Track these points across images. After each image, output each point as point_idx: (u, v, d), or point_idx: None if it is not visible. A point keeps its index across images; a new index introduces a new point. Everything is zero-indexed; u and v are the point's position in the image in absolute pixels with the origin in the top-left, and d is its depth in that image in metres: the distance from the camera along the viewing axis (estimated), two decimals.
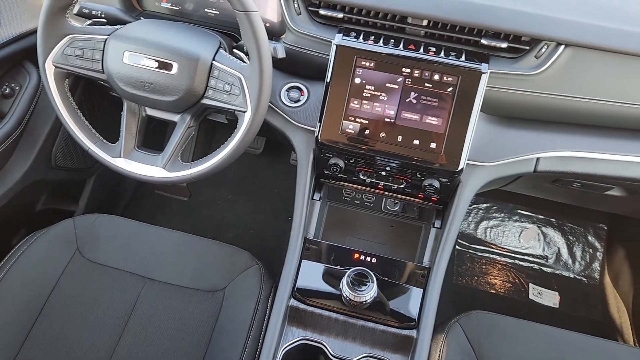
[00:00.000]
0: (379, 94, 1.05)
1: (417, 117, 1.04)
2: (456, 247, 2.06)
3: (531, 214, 2.13)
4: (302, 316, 1.12)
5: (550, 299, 1.94)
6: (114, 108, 1.30)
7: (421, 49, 1.03)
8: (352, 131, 1.07)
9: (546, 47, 1.03)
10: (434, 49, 1.04)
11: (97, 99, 1.60)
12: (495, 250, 2.06)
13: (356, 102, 1.06)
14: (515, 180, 1.27)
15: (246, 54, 1.03)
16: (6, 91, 1.34)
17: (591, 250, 2.05)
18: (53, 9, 1.00)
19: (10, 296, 1.14)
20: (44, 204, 1.59)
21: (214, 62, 1.01)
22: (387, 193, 1.25)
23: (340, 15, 1.08)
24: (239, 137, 1.03)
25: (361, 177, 1.20)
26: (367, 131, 1.07)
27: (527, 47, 1.04)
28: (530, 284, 1.97)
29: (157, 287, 1.19)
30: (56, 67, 1.06)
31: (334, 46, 1.05)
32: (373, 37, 1.05)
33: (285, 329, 1.11)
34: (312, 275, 1.15)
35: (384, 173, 1.16)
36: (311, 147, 1.17)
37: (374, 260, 1.16)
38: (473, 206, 2.15)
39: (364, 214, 1.37)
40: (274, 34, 1.17)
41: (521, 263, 2.03)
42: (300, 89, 1.18)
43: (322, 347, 1.08)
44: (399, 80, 1.04)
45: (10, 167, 1.39)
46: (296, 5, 1.11)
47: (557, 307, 1.92)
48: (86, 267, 1.21)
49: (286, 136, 1.20)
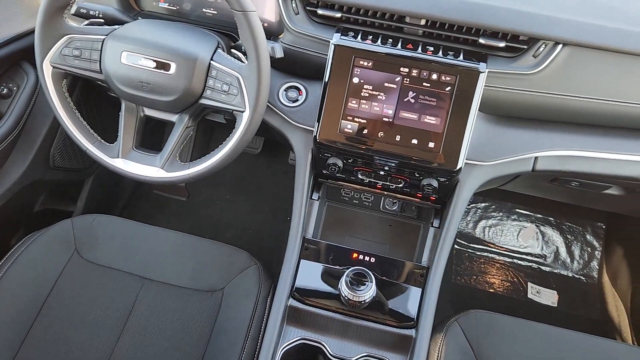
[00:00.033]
0: (377, 93, 1.05)
1: (416, 116, 1.04)
2: (455, 246, 2.06)
3: (529, 213, 2.13)
4: (301, 316, 1.12)
5: (548, 297, 1.94)
6: (112, 108, 1.30)
7: (419, 49, 1.03)
8: (351, 131, 1.07)
9: (544, 46, 1.03)
10: (432, 48, 1.04)
11: (95, 99, 1.60)
12: (493, 249, 2.06)
13: (354, 101, 1.06)
14: (514, 179, 1.27)
15: (244, 53, 1.03)
16: (4, 91, 1.34)
17: (589, 249, 2.05)
18: (50, 9, 0.99)
19: (8, 297, 1.14)
20: (42, 205, 1.59)
21: (212, 62, 1.01)
22: (385, 192, 1.25)
23: (339, 15, 1.08)
24: (237, 137, 1.03)
25: (360, 176, 1.20)
26: (365, 131, 1.07)
27: (525, 47, 1.04)
28: (529, 283, 1.97)
29: (155, 288, 1.19)
30: (54, 67, 1.06)
31: (332, 46, 1.05)
32: (371, 37, 1.05)
33: (284, 328, 1.11)
34: (310, 275, 1.15)
35: (382, 172, 1.16)
36: (309, 147, 1.17)
37: (373, 260, 1.17)
38: (471, 205, 2.15)
39: (362, 213, 1.37)
40: (272, 33, 1.17)
41: (520, 262, 2.03)
42: (299, 89, 1.18)
43: (321, 346, 1.09)
44: (397, 79, 1.04)
45: (8, 168, 1.39)
46: (294, 5, 1.11)
47: (556, 306, 1.92)
48: (84, 268, 1.21)
49: (284, 136, 1.20)
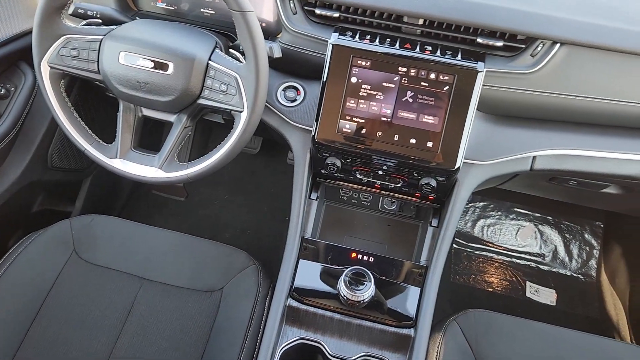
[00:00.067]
0: (375, 93, 1.05)
1: (414, 116, 1.04)
2: (453, 245, 2.06)
3: (528, 212, 2.14)
4: (299, 316, 1.12)
5: (547, 296, 1.94)
6: (110, 108, 1.29)
7: (417, 48, 1.03)
8: (349, 130, 1.07)
9: (542, 45, 1.03)
10: (430, 47, 1.04)
11: (93, 99, 1.60)
12: (492, 248, 2.06)
13: (353, 101, 1.06)
14: (512, 178, 1.27)
15: (242, 53, 1.03)
16: (1, 92, 1.33)
17: (588, 248, 2.06)
18: (48, 10, 0.99)
19: (7, 298, 1.14)
20: (40, 205, 1.59)
21: (210, 62, 1.01)
22: (384, 192, 1.25)
23: (337, 15, 1.08)
24: (235, 137, 1.03)
25: (358, 176, 1.20)
26: (363, 130, 1.07)
27: (523, 46, 1.04)
28: (528, 282, 1.98)
29: (154, 288, 1.19)
30: (51, 67, 1.05)
31: (330, 45, 1.05)
32: (369, 37, 1.05)
33: (283, 328, 1.11)
34: (309, 274, 1.15)
35: (380, 172, 1.16)
36: (308, 147, 1.17)
37: (372, 260, 1.17)
38: (470, 205, 2.16)
39: (361, 213, 1.37)
40: (270, 33, 1.17)
41: (518, 261, 2.03)
42: (297, 89, 1.18)
43: (320, 346, 1.09)
44: (395, 79, 1.04)
45: (6, 168, 1.39)
46: (292, 5, 1.11)
47: (554, 304, 1.93)
48: (83, 268, 1.21)
49: (283, 136, 1.20)
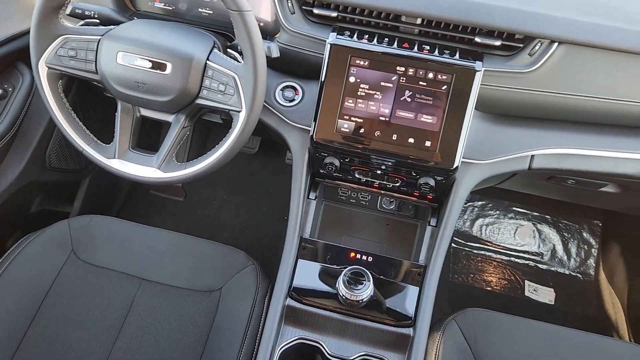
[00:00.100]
0: (373, 92, 1.05)
1: (412, 115, 1.04)
2: (452, 244, 2.06)
3: (526, 211, 2.14)
4: (298, 315, 1.12)
5: (545, 295, 1.94)
6: (108, 109, 1.29)
7: (415, 48, 1.04)
8: (347, 130, 1.07)
9: (540, 44, 1.03)
10: (428, 47, 1.04)
11: (91, 99, 1.59)
12: (490, 247, 2.06)
13: (351, 101, 1.06)
14: (510, 177, 1.27)
15: (240, 53, 1.02)
16: None
17: (586, 247, 2.06)
18: (45, 10, 0.99)
19: (5, 298, 1.14)
20: (38, 206, 1.59)
21: (208, 62, 1.01)
22: (382, 192, 1.26)
23: (334, 14, 1.08)
24: (233, 137, 1.03)
25: (356, 175, 1.20)
26: (362, 130, 1.07)
27: (521, 45, 1.04)
28: (526, 281, 1.98)
29: (153, 288, 1.19)
30: (49, 68, 1.05)
31: (328, 45, 1.05)
32: (367, 36, 1.05)
33: (282, 328, 1.11)
34: (308, 274, 1.15)
35: (379, 172, 1.16)
36: (306, 147, 1.17)
37: (370, 259, 1.17)
38: (468, 204, 2.16)
39: (359, 212, 1.37)
40: (268, 33, 1.17)
41: (517, 260, 2.03)
42: (295, 88, 1.18)
43: (319, 346, 1.09)
44: (393, 78, 1.04)
45: (4, 169, 1.38)
46: (290, 5, 1.11)
47: (553, 303, 1.93)
48: (81, 269, 1.21)
49: (281, 135, 1.20)
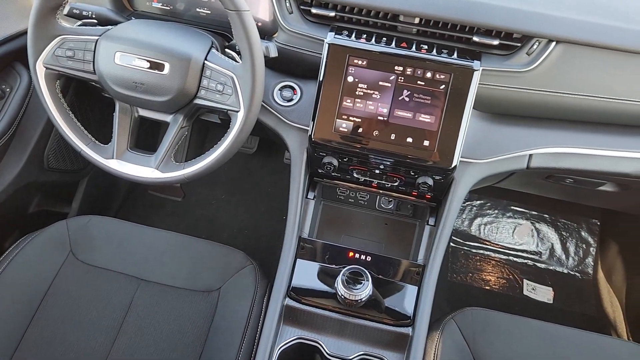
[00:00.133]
0: (371, 92, 1.05)
1: (410, 115, 1.04)
2: (450, 244, 2.06)
3: (524, 210, 2.14)
4: (297, 315, 1.12)
5: (544, 294, 1.95)
6: (106, 109, 1.29)
7: (413, 47, 1.04)
8: (346, 130, 1.07)
9: (537, 43, 1.03)
10: (426, 46, 1.04)
11: (89, 100, 1.59)
12: (489, 246, 2.06)
13: (349, 100, 1.06)
14: (509, 176, 1.28)
15: (238, 53, 1.02)
16: None
17: (584, 246, 2.06)
18: (43, 10, 0.99)
19: (3, 299, 1.13)
20: (36, 206, 1.58)
21: (206, 61, 1.01)
22: (381, 191, 1.26)
23: (332, 14, 1.08)
24: (232, 136, 1.02)
25: (355, 175, 1.20)
26: (360, 129, 1.07)
27: (519, 44, 1.04)
28: (525, 280, 1.98)
29: (151, 289, 1.19)
30: (47, 68, 1.05)
31: (327, 45, 1.05)
32: (365, 36, 1.05)
33: (281, 328, 1.11)
34: (307, 274, 1.15)
35: (377, 171, 1.16)
36: (305, 146, 1.17)
37: (369, 259, 1.17)
38: (467, 203, 2.16)
39: (358, 212, 1.37)
40: (266, 33, 1.17)
41: (515, 259, 2.04)
42: (293, 88, 1.18)
43: (318, 346, 1.09)
44: (391, 78, 1.04)
45: (2, 170, 1.38)
46: (288, 4, 1.11)
47: (551, 302, 1.93)
48: (80, 269, 1.20)
49: (279, 135, 1.20)
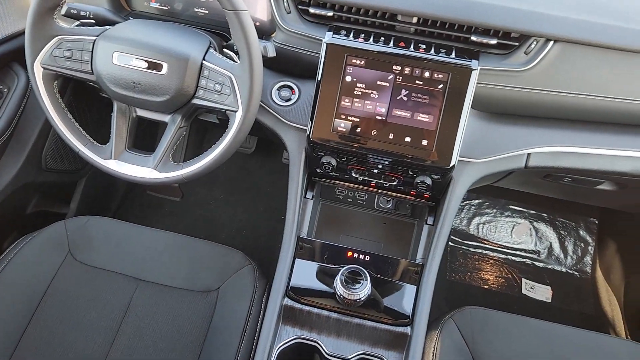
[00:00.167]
0: (370, 91, 1.05)
1: (409, 114, 1.04)
2: (449, 243, 2.07)
3: (523, 209, 2.14)
4: (296, 315, 1.12)
5: (542, 293, 1.95)
6: (104, 109, 1.29)
7: (411, 47, 1.04)
8: (344, 129, 1.07)
9: (535, 43, 1.03)
10: (424, 46, 1.04)
11: (87, 100, 1.59)
12: (487, 245, 2.07)
13: (347, 100, 1.06)
14: (507, 176, 1.28)
15: (236, 53, 1.02)
16: None
17: (582, 245, 2.07)
18: (40, 10, 0.99)
19: (2, 300, 1.13)
20: (34, 207, 1.58)
21: (204, 61, 1.01)
22: (379, 191, 1.26)
23: (330, 14, 1.08)
24: (230, 136, 1.02)
25: (353, 175, 1.20)
26: (358, 129, 1.07)
27: (517, 44, 1.04)
28: (523, 279, 1.98)
29: (150, 289, 1.19)
30: (45, 68, 1.05)
31: (325, 44, 1.04)
32: (363, 35, 1.05)
33: (280, 328, 1.11)
34: (305, 274, 1.15)
35: (376, 171, 1.16)
36: (303, 146, 1.17)
37: (368, 258, 1.17)
38: (465, 202, 2.16)
39: (356, 212, 1.37)
40: (264, 32, 1.17)
41: (514, 258, 2.04)
42: (291, 88, 1.18)
43: (317, 345, 1.09)
44: (389, 77, 1.04)
45: (0, 170, 1.38)
46: (286, 4, 1.10)
47: (550, 301, 1.93)
48: (78, 270, 1.20)
49: (278, 135, 1.19)
